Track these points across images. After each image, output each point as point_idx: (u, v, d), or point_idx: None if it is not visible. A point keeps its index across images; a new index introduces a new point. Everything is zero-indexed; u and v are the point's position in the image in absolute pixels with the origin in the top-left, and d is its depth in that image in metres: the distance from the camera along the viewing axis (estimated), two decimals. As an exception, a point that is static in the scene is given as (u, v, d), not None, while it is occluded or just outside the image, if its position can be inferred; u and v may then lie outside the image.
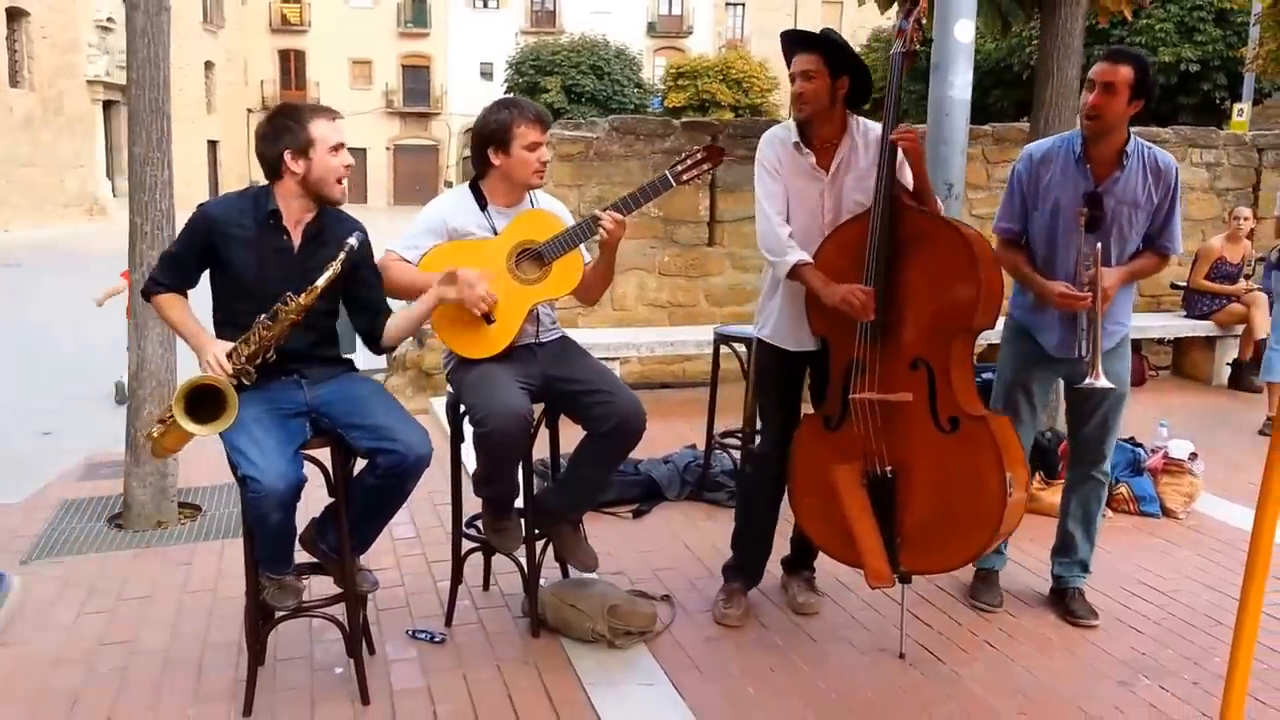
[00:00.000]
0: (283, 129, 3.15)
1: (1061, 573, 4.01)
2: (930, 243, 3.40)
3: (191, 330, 3.15)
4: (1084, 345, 3.61)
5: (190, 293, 3.26)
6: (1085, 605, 3.94)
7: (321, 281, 3.06)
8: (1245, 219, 8.20)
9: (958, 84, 4.60)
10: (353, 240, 3.12)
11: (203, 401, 2.97)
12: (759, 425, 4.08)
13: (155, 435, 3.08)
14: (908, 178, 3.49)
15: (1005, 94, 24.10)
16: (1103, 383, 3.50)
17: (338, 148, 3.18)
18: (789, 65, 3.59)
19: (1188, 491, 5.14)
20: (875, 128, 3.61)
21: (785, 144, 3.60)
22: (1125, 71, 3.46)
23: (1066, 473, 4.01)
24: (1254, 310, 7.96)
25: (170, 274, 3.22)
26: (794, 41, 3.57)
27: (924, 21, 3.47)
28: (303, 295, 3.05)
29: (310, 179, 3.15)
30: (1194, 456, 5.20)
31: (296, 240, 3.18)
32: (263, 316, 3.05)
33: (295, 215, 3.19)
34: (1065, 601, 3.96)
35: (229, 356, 3.03)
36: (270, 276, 3.11)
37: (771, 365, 3.80)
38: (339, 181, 3.18)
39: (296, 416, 3.16)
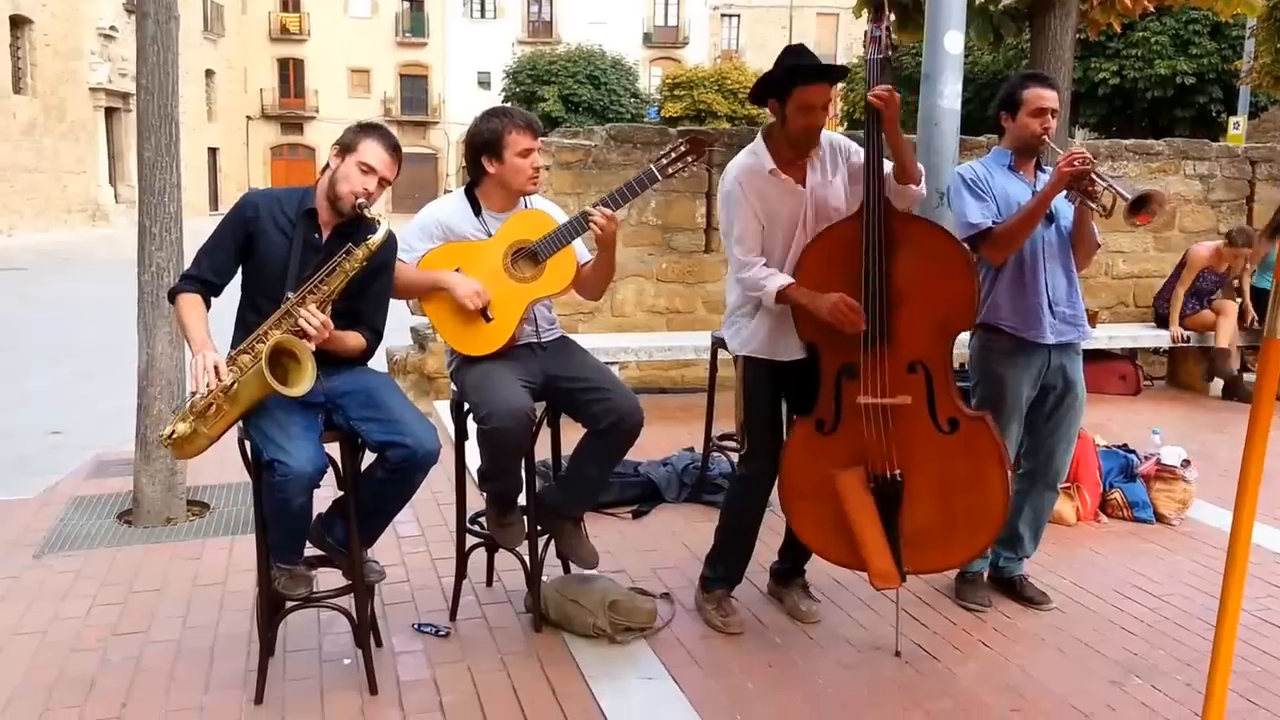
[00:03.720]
0: (349, 132, 3.31)
1: (1005, 565, 4.20)
2: (920, 244, 3.40)
3: (198, 336, 3.12)
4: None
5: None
6: (1037, 590, 4.15)
7: (328, 288, 3.13)
8: (1244, 258, 8.10)
9: (947, 94, 4.70)
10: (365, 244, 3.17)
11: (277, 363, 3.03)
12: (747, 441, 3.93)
13: (176, 435, 3.05)
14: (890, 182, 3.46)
15: (1003, 106, 24.22)
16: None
17: (367, 168, 3.20)
18: (795, 94, 3.40)
19: (1181, 498, 5.17)
20: (835, 136, 3.65)
21: (758, 173, 3.53)
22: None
23: (1019, 479, 4.01)
24: (1221, 318, 7.93)
25: (205, 266, 3.25)
26: (817, 73, 3.41)
27: (891, 27, 3.44)
28: (312, 301, 3.11)
29: (334, 178, 3.24)
30: (1187, 463, 5.23)
31: (326, 235, 3.27)
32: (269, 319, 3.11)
33: (325, 216, 3.28)
34: (1019, 590, 4.15)
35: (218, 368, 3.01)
36: (296, 265, 3.20)
37: (762, 381, 3.72)
38: (350, 193, 3.19)
39: (314, 407, 3.21)
